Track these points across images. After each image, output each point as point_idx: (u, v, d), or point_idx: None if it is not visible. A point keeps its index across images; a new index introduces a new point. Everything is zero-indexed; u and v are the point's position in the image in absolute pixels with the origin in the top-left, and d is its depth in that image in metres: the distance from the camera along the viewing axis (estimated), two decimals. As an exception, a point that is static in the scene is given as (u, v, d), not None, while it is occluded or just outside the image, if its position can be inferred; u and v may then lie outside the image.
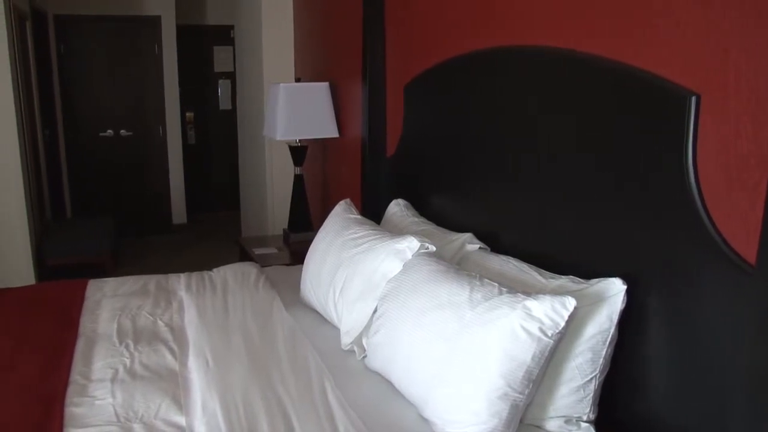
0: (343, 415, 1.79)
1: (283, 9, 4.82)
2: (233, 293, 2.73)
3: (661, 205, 1.63)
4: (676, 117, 1.55)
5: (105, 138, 7.09)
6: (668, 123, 1.58)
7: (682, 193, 1.55)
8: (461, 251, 2.33)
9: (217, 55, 7.94)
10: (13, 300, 2.72)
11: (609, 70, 1.79)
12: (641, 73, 1.68)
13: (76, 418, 1.81)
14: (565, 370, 1.74)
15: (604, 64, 1.81)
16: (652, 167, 1.65)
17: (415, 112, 2.98)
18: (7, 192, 4.80)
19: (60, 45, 6.84)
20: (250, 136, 5.48)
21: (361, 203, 3.45)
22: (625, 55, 1.74)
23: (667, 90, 1.59)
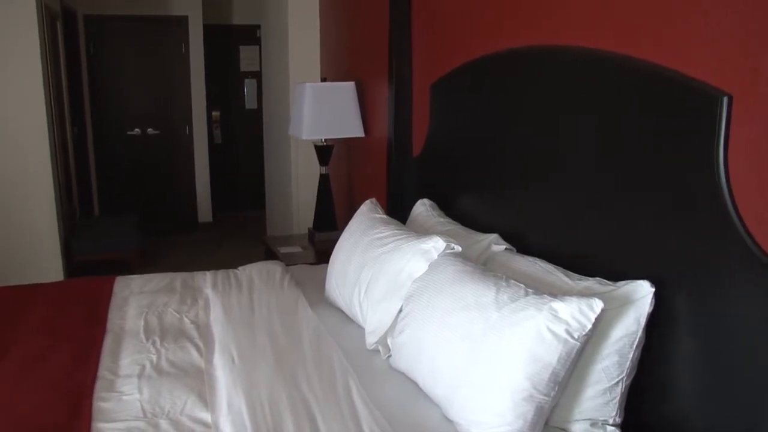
0: (368, 414, 1.79)
1: (309, 9, 4.83)
2: (259, 291, 2.74)
3: (690, 206, 1.61)
4: (708, 117, 1.53)
5: (132, 136, 7.16)
6: (699, 124, 1.56)
7: (712, 194, 1.54)
8: (487, 252, 2.32)
9: (244, 55, 7.99)
10: (44, 295, 2.76)
11: (638, 70, 1.78)
12: (671, 73, 1.66)
13: (104, 412, 1.84)
14: (592, 373, 1.72)
15: (633, 64, 1.79)
16: (681, 168, 1.63)
17: (442, 111, 2.98)
18: (37, 189, 4.87)
19: (89, 44, 6.93)
20: (276, 135, 5.51)
21: (387, 203, 3.45)
22: (655, 55, 1.72)
23: (699, 90, 1.57)
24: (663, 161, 1.69)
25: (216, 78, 7.69)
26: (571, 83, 2.06)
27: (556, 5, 2.16)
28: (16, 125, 4.76)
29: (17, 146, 4.78)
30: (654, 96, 1.72)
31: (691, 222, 1.61)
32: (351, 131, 3.89)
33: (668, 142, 1.67)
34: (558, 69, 2.13)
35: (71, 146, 6.20)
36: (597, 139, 1.94)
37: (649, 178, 1.74)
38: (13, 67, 4.68)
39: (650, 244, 1.75)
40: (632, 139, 1.80)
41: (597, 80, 1.94)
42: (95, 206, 7.18)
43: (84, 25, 6.87)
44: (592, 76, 1.97)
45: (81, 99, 6.84)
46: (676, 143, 1.64)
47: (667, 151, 1.67)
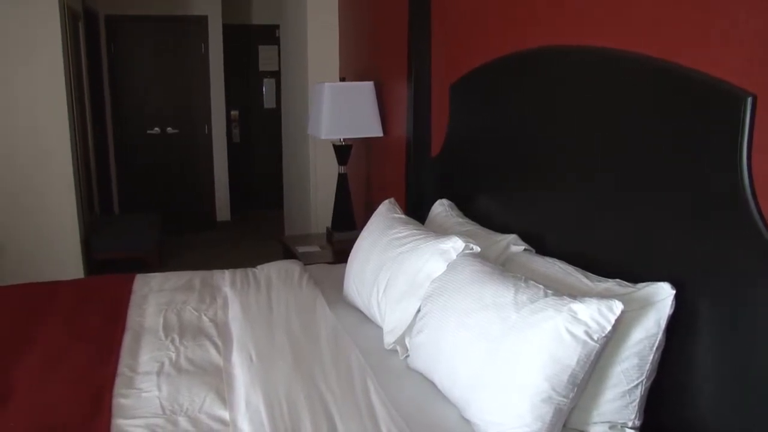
0: (386, 414, 1.79)
1: (328, 8, 4.84)
2: (277, 290, 2.75)
3: (712, 207, 1.60)
4: (731, 118, 1.52)
5: (152, 135, 7.22)
6: (722, 124, 1.55)
7: (735, 195, 1.52)
8: (506, 252, 2.31)
9: (263, 54, 8.02)
10: (65, 293, 2.79)
11: (659, 70, 1.76)
12: (694, 73, 1.65)
13: (124, 409, 1.85)
14: (611, 375, 1.71)
15: (655, 64, 1.78)
16: (703, 169, 1.62)
17: (461, 111, 2.97)
18: (59, 187, 4.92)
19: (110, 44, 6.99)
20: (294, 134, 5.53)
21: (405, 203, 3.45)
22: (677, 55, 1.71)
23: (722, 90, 1.56)
24: (685, 162, 1.67)
25: (235, 77, 7.73)
26: (590, 83, 2.05)
27: (576, 5, 2.15)
28: (39, 124, 4.81)
29: (39, 145, 4.83)
30: (676, 96, 1.71)
31: (712, 223, 1.60)
32: (369, 131, 3.89)
33: (690, 143, 1.65)
34: (578, 69, 2.12)
35: (92, 145, 6.26)
36: (617, 139, 1.93)
37: (670, 178, 1.73)
38: (36, 67, 4.74)
39: (671, 245, 1.74)
40: (653, 139, 1.79)
41: (617, 80, 1.93)
42: (115, 204, 7.24)
43: (105, 25, 6.93)
44: (612, 76, 1.96)
45: (102, 98, 6.90)
46: (699, 144, 1.63)
47: (688, 152, 1.66)
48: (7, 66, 4.70)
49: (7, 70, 4.71)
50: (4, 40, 4.67)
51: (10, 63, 4.70)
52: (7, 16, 4.64)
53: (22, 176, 4.85)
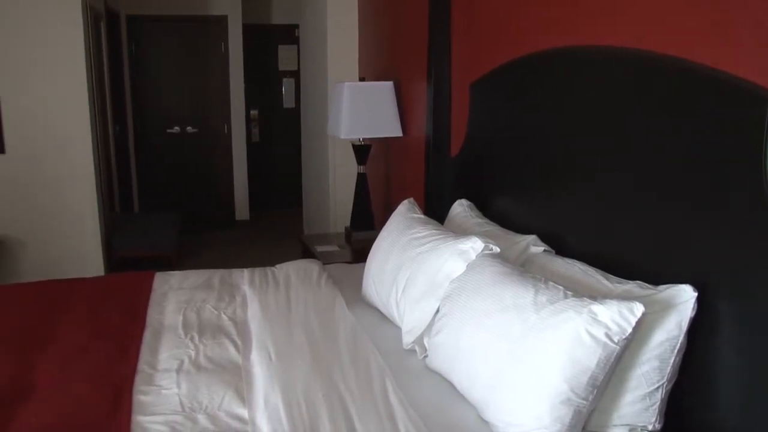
0: (404, 414, 1.79)
1: (348, 8, 4.85)
2: (296, 289, 2.76)
3: (735, 208, 1.58)
4: (755, 118, 1.50)
5: (172, 135, 7.26)
6: (746, 125, 1.53)
7: (758, 196, 1.50)
8: (525, 253, 2.30)
9: (282, 54, 8.04)
10: (86, 290, 2.82)
11: (682, 70, 1.75)
12: (717, 73, 1.63)
13: (144, 405, 1.86)
14: (631, 378, 1.70)
15: (678, 65, 1.76)
16: (727, 170, 1.60)
17: (481, 111, 2.96)
18: (80, 186, 4.97)
19: (131, 44, 7.04)
20: (314, 134, 5.54)
21: (424, 203, 3.45)
22: (701, 55, 1.69)
23: (746, 91, 1.54)
24: (707, 162, 1.66)
25: (254, 77, 7.76)
26: (611, 83, 2.04)
27: (599, 5, 2.14)
28: (61, 123, 4.86)
29: (61, 144, 4.88)
30: (698, 96, 1.69)
31: (736, 225, 1.58)
32: (389, 131, 3.89)
33: (713, 143, 1.64)
34: (599, 69, 2.11)
35: (113, 144, 6.31)
36: (638, 139, 1.91)
37: (692, 179, 1.71)
38: (59, 67, 4.79)
39: (692, 247, 1.72)
40: (676, 139, 1.77)
41: (638, 80, 1.92)
42: (135, 203, 7.29)
43: (126, 25, 6.99)
44: (632, 76, 1.94)
45: (122, 98, 6.95)
46: (722, 144, 1.61)
47: (712, 152, 1.64)
48: (30, 66, 4.75)
49: (31, 70, 4.76)
50: (28, 41, 4.72)
51: (33, 63, 4.75)
52: (30, 16, 4.69)
53: (44, 175, 4.90)
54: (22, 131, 4.81)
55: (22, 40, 4.70)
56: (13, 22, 4.67)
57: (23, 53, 4.72)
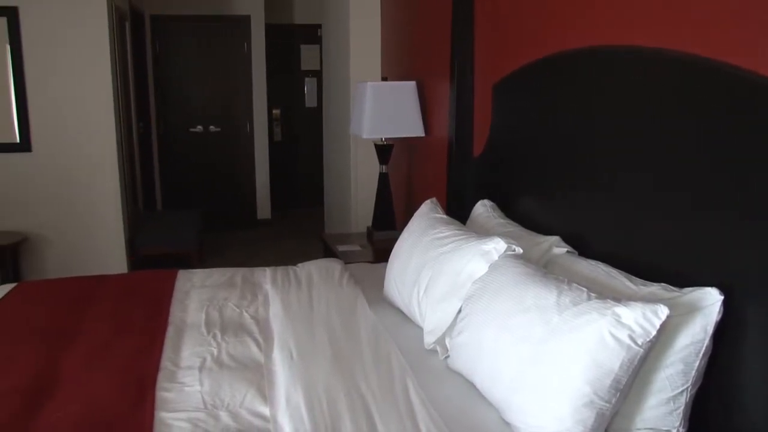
0: (425, 414, 1.78)
1: (370, 8, 4.85)
2: (318, 288, 2.77)
3: (764, 210, 1.55)
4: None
5: (195, 133, 7.32)
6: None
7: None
8: (548, 254, 2.29)
9: (304, 54, 8.07)
10: (109, 287, 2.85)
11: (710, 70, 1.73)
12: (746, 73, 1.61)
13: (167, 402, 1.88)
14: (655, 381, 1.68)
15: (705, 65, 1.74)
16: (754, 170, 1.58)
17: (504, 112, 2.95)
18: (104, 184, 5.02)
19: (155, 43, 7.11)
20: (336, 133, 5.55)
21: (447, 203, 3.44)
22: (729, 55, 1.67)
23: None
24: (734, 163, 1.64)
25: (277, 77, 7.79)
26: (638, 84, 2.02)
27: (624, 5, 2.12)
28: (86, 122, 4.92)
29: (86, 142, 4.95)
30: (726, 96, 1.67)
31: (763, 227, 1.56)
32: (411, 131, 3.89)
33: (742, 144, 1.61)
34: (625, 69, 2.09)
35: (136, 143, 6.37)
36: (664, 140, 1.89)
37: (719, 180, 1.69)
38: (84, 67, 4.85)
39: (719, 249, 1.70)
40: (702, 140, 1.75)
41: (663, 80, 1.90)
42: (158, 201, 7.35)
43: (150, 24, 7.05)
44: (660, 76, 1.92)
45: (146, 97, 7.02)
46: (751, 145, 1.59)
47: (740, 153, 1.62)
48: (56, 65, 4.82)
49: (57, 70, 4.82)
50: (54, 41, 4.79)
51: (59, 62, 4.82)
52: (57, 16, 4.75)
53: (69, 173, 4.97)
54: (48, 130, 4.88)
55: (49, 39, 4.77)
56: (40, 22, 4.74)
57: (50, 53, 4.79)
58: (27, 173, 4.91)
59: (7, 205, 4.90)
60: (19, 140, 4.85)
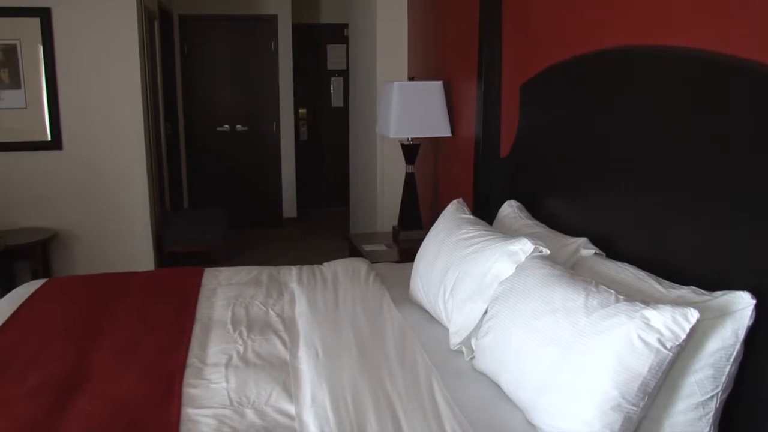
0: (451, 414, 1.78)
1: (397, 8, 4.85)
2: (343, 287, 2.77)
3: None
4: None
5: (222, 132, 7.37)
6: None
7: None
8: (575, 256, 2.27)
9: (331, 53, 8.09)
10: (137, 284, 2.88)
11: (745, 70, 1.70)
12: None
13: (193, 398, 1.89)
14: (684, 386, 1.65)
15: (741, 65, 1.72)
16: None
17: (532, 112, 2.94)
18: (133, 182, 5.08)
19: (183, 43, 7.17)
20: (362, 133, 5.55)
21: (473, 203, 3.43)
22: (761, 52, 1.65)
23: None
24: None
25: (303, 76, 7.82)
26: (670, 85, 1.99)
27: (656, 4, 2.10)
28: (115, 121, 4.98)
29: (115, 141, 5.01)
30: (760, 96, 1.64)
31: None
32: (438, 131, 3.88)
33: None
34: (656, 70, 2.07)
35: (164, 141, 6.43)
36: (695, 140, 1.87)
37: (751, 182, 1.66)
38: (114, 67, 4.91)
39: (751, 252, 1.67)
40: (734, 140, 1.72)
41: (699, 82, 1.87)
42: (184, 200, 7.42)
43: (179, 24, 7.11)
44: (694, 77, 1.90)
45: (174, 96, 7.08)
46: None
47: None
48: (87, 65, 4.88)
49: (87, 70, 4.89)
50: (85, 40, 4.85)
51: (89, 62, 4.88)
52: (88, 17, 4.82)
53: (98, 171, 5.03)
54: (78, 129, 4.95)
55: (80, 39, 4.84)
56: (71, 22, 4.80)
57: (81, 53, 4.86)
58: (57, 171, 4.98)
59: (39, 201, 4.98)
60: (50, 139, 4.92)
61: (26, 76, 4.81)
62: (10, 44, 4.76)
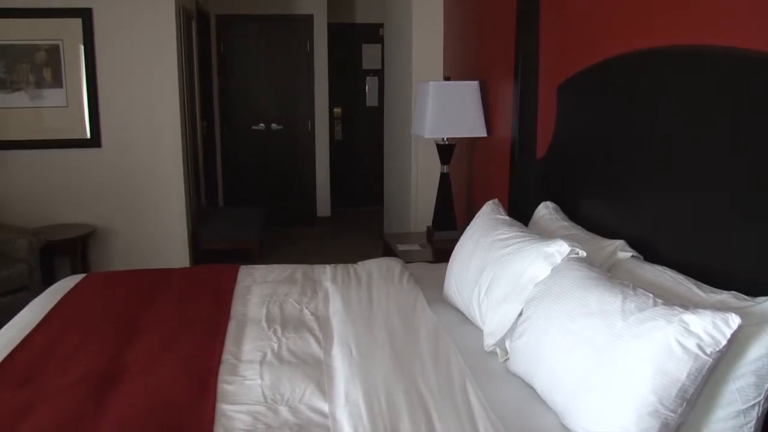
0: (484, 416, 1.77)
1: (433, 7, 4.84)
2: (378, 287, 2.77)
3: None
4: None
5: (257, 131, 7.42)
6: None
7: None
8: (612, 258, 2.24)
9: (366, 53, 8.10)
10: (176, 279, 2.92)
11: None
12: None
13: (228, 394, 1.91)
14: (724, 393, 1.62)
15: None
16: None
17: (569, 112, 2.91)
18: (169, 179, 5.15)
19: (220, 43, 7.24)
20: (397, 132, 5.55)
21: (508, 204, 3.41)
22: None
23: None
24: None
25: (339, 75, 7.84)
26: (713, 85, 1.95)
27: (696, 3, 2.06)
28: (153, 119, 5.05)
29: (153, 139, 5.08)
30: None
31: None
32: (473, 131, 3.87)
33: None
34: (700, 70, 2.03)
35: (200, 139, 6.50)
36: (737, 141, 1.84)
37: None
38: (152, 66, 4.98)
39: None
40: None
41: (743, 83, 1.84)
42: (220, 197, 7.49)
43: (216, 24, 7.18)
44: (738, 78, 1.86)
45: (210, 95, 7.15)
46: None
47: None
48: (126, 65, 4.95)
49: (126, 69, 4.96)
50: (124, 40, 4.92)
51: (129, 62, 4.95)
52: (128, 17, 4.89)
53: (136, 168, 5.11)
54: (116, 127, 5.03)
55: (119, 39, 4.91)
56: (112, 22, 4.88)
57: (120, 52, 4.93)
58: (97, 168, 5.06)
59: (78, 198, 5.07)
60: (90, 136, 5.01)
61: (68, 75, 4.90)
62: (53, 44, 4.85)
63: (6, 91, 4.86)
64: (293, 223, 7.46)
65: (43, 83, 4.89)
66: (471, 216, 2.78)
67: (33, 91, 4.89)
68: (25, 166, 4.98)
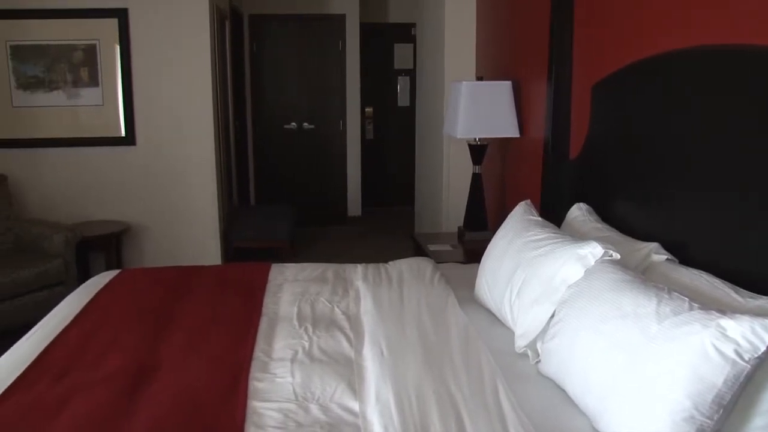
0: (515, 418, 1.76)
1: (466, 7, 4.83)
2: (409, 286, 2.77)
3: None
4: None
5: (289, 130, 7.46)
6: None
7: None
8: (646, 261, 2.21)
9: (398, 53, 8.11)
10: (206, 277, 2.95)
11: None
12: None
13: (259, 392, 1.92)
14: (763, 400, 1.58)
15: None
16: None
17: (604, 113, 2.87)
18: (202, 177, 5.20)
19: (253, 42, 7.29)
20: (428, 132, 5.54)
21: (540, 205, 3.38)
22: None
23: None
24: None
25: (370, 75, 7.85)
26: (752, 83, 1.92)
27: (737, 2, 2.03)
28: (187, 118, 5.11)
29: (186, 137, 5.14)
30: None
31: None
32: (506, 131, 3.84)
33: None
34: (741, 69, 1.99)
35: (233, 138, 6.55)
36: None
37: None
38: (186, 65, 5.05)
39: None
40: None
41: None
42: (251, 196, 7.55)
43: (249, 24, 7.24)
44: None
45: (243, 94, 7.21)
46: None
47: None
48: (160, 64, 5.02)
49: (161, 69, 5.03)
50: (159, 40, 4.99)
51: (163, 62, 5.02)
52: (163, 17, 4.95)
53: (169, 166, 5.17)
54: (151, 125, 5.10)
55: (154, 39, 4.98)
56: (147, 22, 4.95)
57: (155, 52, 5.01)
58: (131, 166, 5.14)
59: (113, 195, 5.15)
60: (124, 134, 5.09)
61: (104, 74, 4.99)
62: (90, 44, 4.94)
63: (44, 90, 4.95)
64: (324, 223, 7.49)
65: (80, 82, 4.98)
66: (502, 217, 2.76)
67: (70, 90, 4.99)
68: (62, 163, 5.08)
